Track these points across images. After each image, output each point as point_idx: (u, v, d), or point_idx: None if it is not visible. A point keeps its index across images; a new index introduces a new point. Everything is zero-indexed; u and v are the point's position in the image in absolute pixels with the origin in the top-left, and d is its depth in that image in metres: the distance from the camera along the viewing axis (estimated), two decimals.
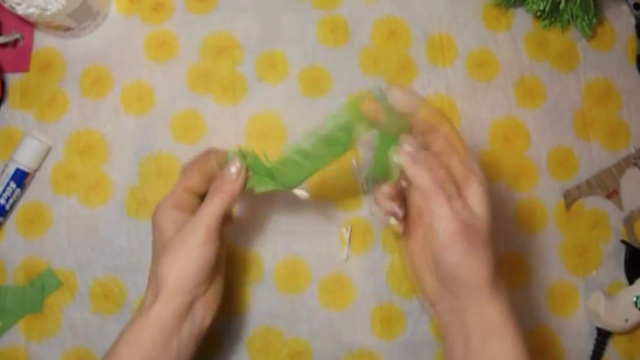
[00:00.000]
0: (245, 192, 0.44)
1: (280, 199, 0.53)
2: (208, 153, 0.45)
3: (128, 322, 0.42)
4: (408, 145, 0.40)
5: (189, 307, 0.41)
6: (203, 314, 0.43)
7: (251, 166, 0.43)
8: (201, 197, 0.44)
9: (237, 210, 0.56)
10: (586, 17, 0.59)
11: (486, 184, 0.40)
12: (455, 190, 0.39)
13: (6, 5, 0.52)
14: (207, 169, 0.44)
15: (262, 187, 0.44)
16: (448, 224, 0.38)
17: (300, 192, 0.45)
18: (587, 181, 0.60)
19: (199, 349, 0.44)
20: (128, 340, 0.41)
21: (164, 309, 0.40)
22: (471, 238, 0.38)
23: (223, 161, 0.44)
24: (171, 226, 0.43)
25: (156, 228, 0.44)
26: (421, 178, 0.39)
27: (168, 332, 0.41)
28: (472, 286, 0.39)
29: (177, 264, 0.41)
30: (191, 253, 0.41)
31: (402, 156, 0.40)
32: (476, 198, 0.40)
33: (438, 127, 0.41)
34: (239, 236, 0.56)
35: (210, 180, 0.44)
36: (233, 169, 0.42)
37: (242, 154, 0.43)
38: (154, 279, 0.42)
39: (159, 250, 0.43)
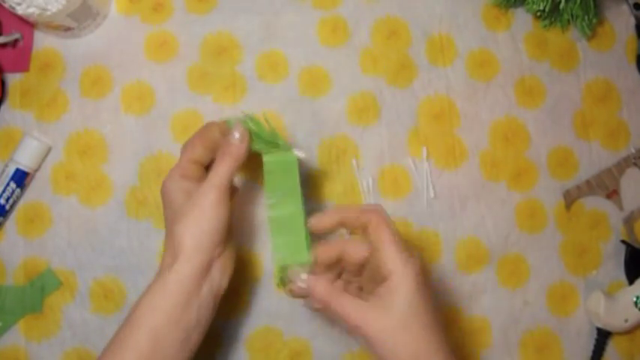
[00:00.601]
0: (250, 155, 0.46)
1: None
2: (208, 124, 0.47)
3: (146, 288, 0.43)
4: (301, 282, 0.44)
5: (207, 268, 0.43)
6: (220, 276, 0.44)
7: (253, 130, 0.45)
8: (206, 168, 0.46)
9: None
10: (586, 17, 0.59)
11: (410, 276, 0.40)
12: (350, 301, 0.41)
13: (6, 5, 0.52)
14: (210, 140, 0.46)
15: (264, 147, 0.46)
16: (352, 323, 0.41)
17: (300, 153, 0.47)
18: (587, 181, 0.60)
19: (199, 349, 0.44)
20: (148, 302, 0.42)
21: (184, 269, 0.42)
22: (375, 339, 0.40)
23: (226, 129, 0.46)
24: (181, 194, 0.45)
25: (166, 199, 0.45)
26: (314, 303, 0.43)
27: (189, 292, 0.42)
28: None
29: (193, 226, 0.42)
30: (205, 214, 0.42)
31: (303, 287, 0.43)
32: (393, 292, 0.40)
33: (368, 225, 0.43)
34: (239, 236, 0.56)
35: (213, 150, 0.46)
36: (237, 134, 0.45)
37: (244, 120, 0.46)
38: (171, 245, 0.43)
39: (171, 218, 0.44)
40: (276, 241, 0.46)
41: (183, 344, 0.42)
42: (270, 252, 0.57)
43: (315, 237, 0.47)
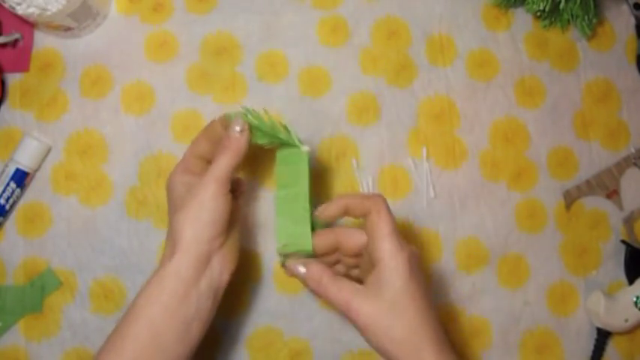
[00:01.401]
0: (250, 148, 0.46)
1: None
2: (213, 121, 0.47)
3: (147, 279, 0.43)
4: (297, 268, 0.45)
5: (206, 259, 0.43)
6: (220, 269, 0.44)
7: (254, 123, 0.46)
8: (210, 163, 0.46)
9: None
10: (586, 17, 0.59)
11: (400, 265, 0.41)
12: (342, 286, 0.42)
13: (6, 5, 0.52)
14: (213, 135, 0.47)
15: (265, 140, 0.46)
16: (342, 307, 0.42)
17: (303, 147, 0.47)
18: (587, 181, 0.60)
19: (199, 349, 0.44)
20: (148, 293, 0.42)
21: (182, 260, 0.42)
22: (363, 322, 0.41)
23: (227, 123, 0.46)
24: (183, 188, 0.45)
25: (169, 193, 0.46)
26: (309, 285, 0.44)
27: (187, 283, 0.42)
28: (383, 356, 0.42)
29: (191, 217, 0.43)
30: (203, 205, 0.43)
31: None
32: (382, 279, 0.41)
33: (368, 213, 0.44)
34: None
35: (217, 145, 0.46)
36: (237, 127, 0.45)
37: (244, 114, 0.46)
38: (171, 236, 0.43)
39: (172, 210, 0.45)
40: (282, 230, 0.47)
41: (182, 336, 0.42)
42: (273, 243, 0.57)
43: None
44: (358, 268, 0.47)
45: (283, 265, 0.46)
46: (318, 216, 0.46)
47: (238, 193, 0.50)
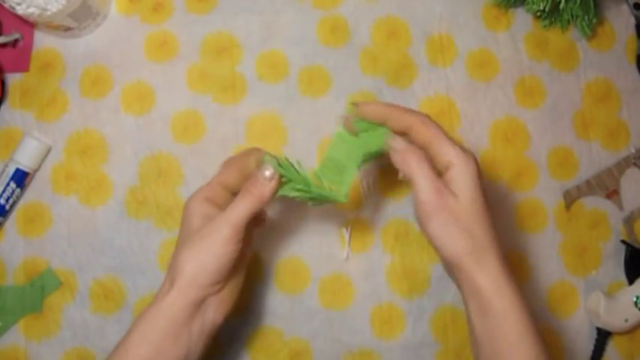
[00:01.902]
0: (276, 198, 0.44)
1: (280, 198, 0.53)
2: (251, 151, 0.45)
3: (143, 310, 0.42)
4: (392, 140, 0.43)
5: (201, 303, 0.42)
6: (214, 312, 0.43)
7: (285, 174, 0.43)
8: (235, 194, 0.44)
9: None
10: (586, 17, 0.59)
11: (471, 166, 0.42)
12: (433, 171, 0.42)
13: (6, 5, 0.52)
14: (245, 168, 0.44)
15: (294, 194, 0.44)
16: (427, 197, 0.41)
17: (339, 196, 0.44)
18: (587, 181, 0.60)
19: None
20: (140, 328, 0.41)
21: (177, 301, 0.41)
22: (447, 213, 0.41)
23: (259, 162, 0.44)
24: (199, 218, 0.43)
25: (185, 217, 0.44)
26: (404, 162, 0.42)
27: (179, 325, 0.41)
28: (455, 259, 0.41)
29: (196, 259, 0.41)
30: (211, 250, 0.41)
31: (389, 148, 0.43)
32: (458, 181, 0.41)
33: (413, 124, 0.43)
34: None
35: (247, 179, 0.44)
36: (267, 173, 0.42)
37: (277, 161, 0.43)
38: (173, 269, 0.42)
39: (182, 240, 0.43)
40: (326, 170, 0.45)
41: None
42: (273, 244, 0.57)
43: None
44: None
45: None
46: (355, 106, 0.44)
47: (258, 222, 0.48)
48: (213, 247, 0.41)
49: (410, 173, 0.42)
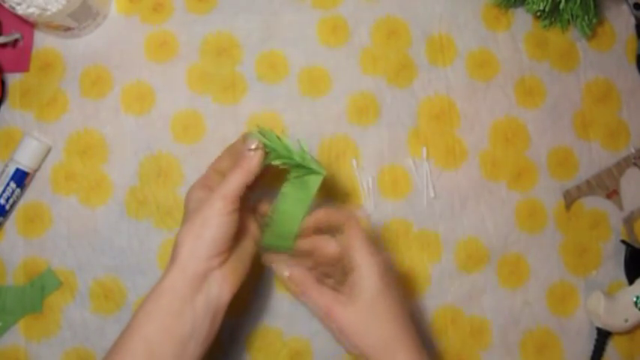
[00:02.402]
0: (264, 167, 0.45)
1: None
2: (242, 135, 0.47)
3: (148, 292, 0.42)
4: (283, 271, 0.46)
5: (203, 277, 0.42)
6: (219, 288, 0.43)
7: (269, 145, 0.45)
8: None
9: None
10: (586, 17, 0.59)
11: (373, 268, 0.43)
12: (319, 292, 0.45)
13: (6, 5, 0.52)
14: (235, 151, 0.46)
15: (279, 161, 0.45)
16: (320, 318, 0.44)
17: (318, 167, 0.46)
18: (587, 181, 0.60)
19: None
20: (145, 307, 0.42)
21: (178, 276, 0.42)
22: (339, 326, 0.43)
23: (245, 138, 0.45)
24: (195, 203, 0.45)
25: (185, 207, 0.45)
26: (298, 293, 0.46)
27: (182, 300, 0.41)
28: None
29: (192, 233, 0.42)
30: (206, 222, 0.42)
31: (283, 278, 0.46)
32: (358, 284, 0.43)
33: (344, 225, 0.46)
34: None
35: None
36: (252, 145, 0.44)
37: (261, 134, 0.45)
38: (173, 249, 0.43)
39: (181, 225, 0.44)
40: (273, 228, 0.47)
41: (178, 355, 0.41)
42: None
43: None
44: (331, 277, 0.47)
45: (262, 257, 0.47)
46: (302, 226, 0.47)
47: (259, 211, 0.50)
48: (208, 218, 0.42)
49: (302, 300, 0.45)
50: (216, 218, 0.42)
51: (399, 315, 0.44)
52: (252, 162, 0.44)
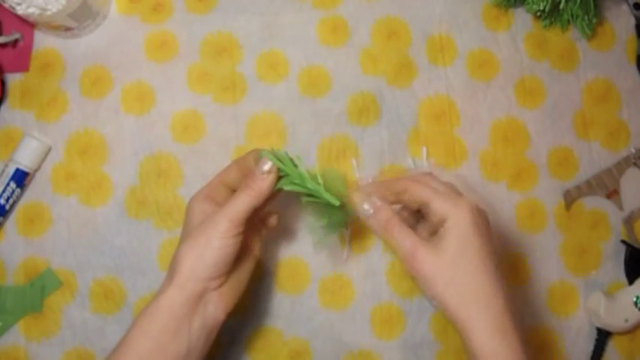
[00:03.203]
0: (274, 192, 0.44)
1: (280, 199, 0.53)
2: (251, 151, 0.46)
3: (144, 307, 0.42)
4: (361, 202, 0.45)
5: (200, 297, 0.42)
6: (215, 308, 0.43)
7: (283, 168, 0.43)
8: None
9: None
10: (586, 17, 0.60)
11: (462, 215, 0.42)
12: (406, 232, 0.43)
13: (6, 5, 0.52)
14: (245, 165, 0.45)
15: (291, 187, 0.44)
16: (406, 255, 0.42)
17: (331, 199, 0.44)
18: (587, 181, 0.60)
19: None
20: (141, 324, 0.41)
21: (175, 295, 0.41)
22: (425, 274, 0.41)
23: (257, 158, 0.44)
24: (199, 215, 0.43)
25: (186, 217, 0.44)
26: (379, 227, 0.44)
27: (179, 319, 0.41)
28: (447, 317, 0.41)
29: (194, 252, 0.41)
30: (209, 243, 0.41)
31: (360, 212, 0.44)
32: (449, 235, 0.41)
33: (407, 187, 0.44)
34: None
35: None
36: (265, 167, 0.43)
37: (275, 155, 0.44)
38: (172, 265, 0.42)
39: (182, 237, 0.43)
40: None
41: None
42: (272, 244, 0.57)
43: None
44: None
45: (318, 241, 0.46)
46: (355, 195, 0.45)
47: (264, 221, 0.49)
48: (212, 239, 0.41)
49: (386, 239, 0.43)
50: (219, 240, 0.41)
51: (487, 269, 0.41)
52: (263, 185, 0.43)
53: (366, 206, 0.44)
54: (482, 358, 0.39)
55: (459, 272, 0.40)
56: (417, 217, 0.48)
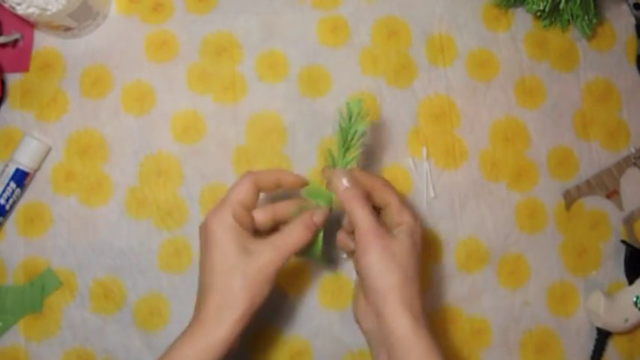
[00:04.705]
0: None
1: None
2: (273, 172, 0.46)
3: (176, 343, 0.42)
4: (337, 180, 0.46)
5: (224, 343, 0.42)
6: (233, 344, 0.44)
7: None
8: (250, 213, 0.45)
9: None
10: (586, 17, 0.60)
11: (417, 227, 0.45)
12: (373, 211, 0.45)
13: (6, 5, 0.52)
14: (268, 187, 0.45)
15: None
16: (365, 227, 0.43)
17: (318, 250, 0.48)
18: (587, 181, 0.60)
19: None
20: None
21: (236, 329, 0.42)
22: (383, 247, 0.43)
23: (303, 206, 0.46)
24: (231, 238, 0.42)
25: (211, 238, 0.42)
26: (347, 200, 0.45)
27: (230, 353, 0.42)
28: (381, 293, 0.42)
29: (254, 286, 0.42)
30: (269, 279, 0.43)
31: (334, 187, 0.46)
32: (401, 232, 0.44)
33: (375, 186, 0.46)
34: None
35: (259, 196, 0.45)
36: (319, 217, 0.45)
37: (310, 192, 0.47)
38: (218, 292, 0.42)
39: (219, 266, 0.42)
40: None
41: None
42: None
43: None
44: None
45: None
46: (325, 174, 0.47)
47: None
48: (269, 281, 0.43)
49: (353, 209, 0.44)
50: (271, 284, 0.43)
51: (416, 275, 0.44)
52: (316, 227, 0.45)
53: (344, 180, 0.45)
54: (393, 320, 0.42)
55: (406, 256, 0.43)
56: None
